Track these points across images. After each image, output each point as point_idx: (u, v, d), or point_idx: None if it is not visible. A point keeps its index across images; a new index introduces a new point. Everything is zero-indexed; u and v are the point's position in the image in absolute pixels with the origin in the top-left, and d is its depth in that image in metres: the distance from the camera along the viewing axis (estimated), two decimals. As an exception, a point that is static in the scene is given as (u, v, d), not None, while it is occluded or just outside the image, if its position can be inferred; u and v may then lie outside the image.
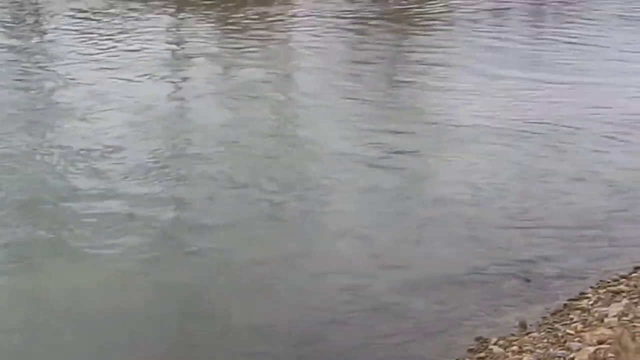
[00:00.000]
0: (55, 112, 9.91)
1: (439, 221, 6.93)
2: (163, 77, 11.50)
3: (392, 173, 7.99)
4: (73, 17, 15.70)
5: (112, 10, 16.57)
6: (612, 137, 8.99)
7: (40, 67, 12.01)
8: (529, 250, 6.43)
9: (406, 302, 5.67)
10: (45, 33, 14.70)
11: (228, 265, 6.20)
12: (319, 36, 14.59)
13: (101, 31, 14.52)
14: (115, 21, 15.51)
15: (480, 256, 6.33)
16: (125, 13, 16.41)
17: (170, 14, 16.88)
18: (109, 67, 11.85)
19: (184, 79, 11.67)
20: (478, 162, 8.28)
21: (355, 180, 7.81)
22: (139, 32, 14.46)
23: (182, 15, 16.85)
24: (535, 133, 9.14)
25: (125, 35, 14.18)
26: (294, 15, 17.17)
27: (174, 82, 11.38)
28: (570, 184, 7.71)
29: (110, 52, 12.80)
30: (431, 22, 16.49)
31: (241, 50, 13.45)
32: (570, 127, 9.35)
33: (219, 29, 15.35)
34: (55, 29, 14.81)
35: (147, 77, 11.35)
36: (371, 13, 16.93)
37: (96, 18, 15.87)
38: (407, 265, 6.19)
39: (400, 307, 5.62)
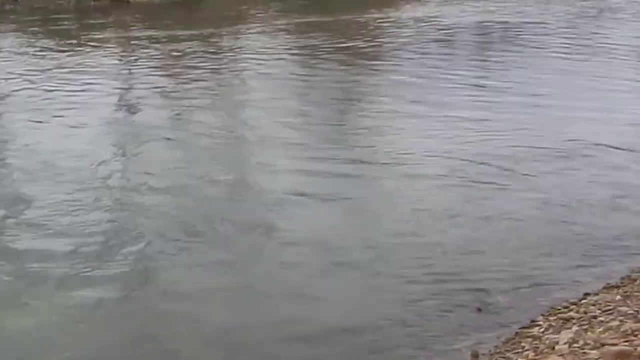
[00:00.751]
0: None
1: (377, 260, 6.77)
2: (106, 118, 11.18)
3: (330, 209, 7.89)
4: (11, 55, 15.48)
5: (53, 48, 16.44)
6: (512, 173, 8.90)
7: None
8: (478, 281, 6.40)
9: (353, 338, 5.54)
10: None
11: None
12: (268, 71, 14.61)
13: (43, 69, 14.34)
14: (58, 59, 15.35)
15: (427, 288, 6.26)
16: (66, 50, 16.27)
17: (116, 51, 16.78)
18: (50, 108, 11.54)
19: (132, 119, 11.48)
20: (404, 197, 8.20)
21: (290, 219, 7.60)
22: (81, 70, 14.30)
23: (127, 51, 16.75)
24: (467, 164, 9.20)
25: (67, 74, 13.98)
26: (242, 50, 17.21)
27: (120, 123, 11.11)
28: (478, 222, 7.57)
29: (51, 93, 12.50)
30: (380, 56, 16.72)
31: (190, 85, 13.39)
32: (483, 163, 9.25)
33: (166, 64, 15.25)
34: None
35: (91, 118, 11.04)
36: (321, 48, 17.05)
37: (38, 55, 15.70)
38: (356, 304, 6.09)
39: (347, 342, 5.51)
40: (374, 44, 17.99)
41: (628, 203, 7.99)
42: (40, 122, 10.82)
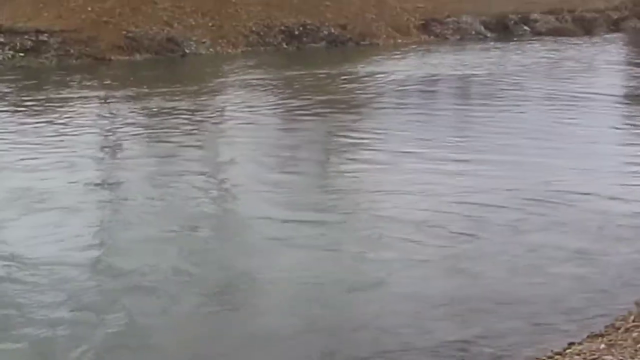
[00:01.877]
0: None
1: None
2: (85, 176, 10.96)
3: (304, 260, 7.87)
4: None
5: (33, 106, 16.45)
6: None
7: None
8: (462, 331, 6.36)
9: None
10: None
11: None
12: (248, 125, 14.68)
13: (22, 128, 14.32)
14: (38, 118, 15.33)
15: (410, 340, 6.22)
16: (46, 108, 16.28)
17: (96, 108, 16.81)
18: (26, 168, 11.32)
19: (112, 174, 11.42)
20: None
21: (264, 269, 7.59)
22: (60, 127, 14.27)
23: (108, 108, 16.79)
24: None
25: (46, 132, 13.94)
26: (222, 105, 17.31)
27: (99, 180, 10.95)
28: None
29: (28, 152, 12.31)
30: (356, 108, 16.89)
31: (170, 141, 13.40)
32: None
33: (146, 121, 15.28)
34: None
35: (68, 176, 10.88)
36: (299, 101, 17.19)
37: (19, 112, 15.68)
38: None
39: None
40: (350, 96, 18.20)
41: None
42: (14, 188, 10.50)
